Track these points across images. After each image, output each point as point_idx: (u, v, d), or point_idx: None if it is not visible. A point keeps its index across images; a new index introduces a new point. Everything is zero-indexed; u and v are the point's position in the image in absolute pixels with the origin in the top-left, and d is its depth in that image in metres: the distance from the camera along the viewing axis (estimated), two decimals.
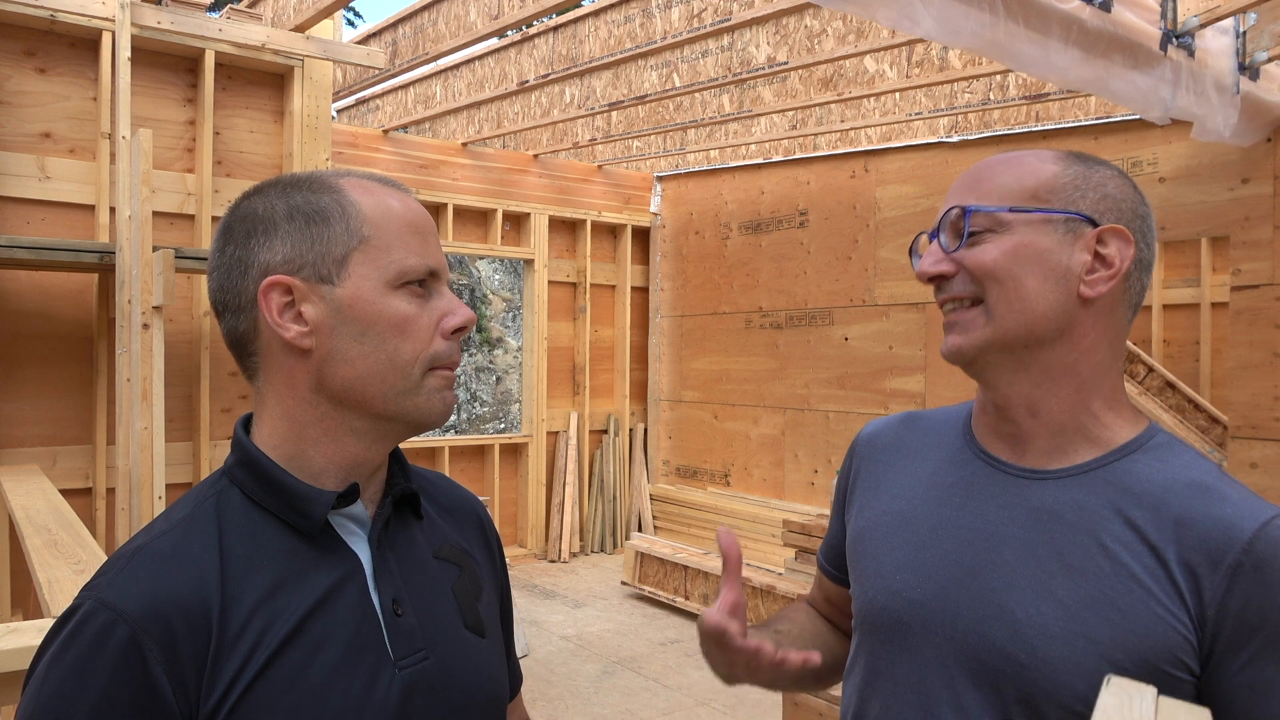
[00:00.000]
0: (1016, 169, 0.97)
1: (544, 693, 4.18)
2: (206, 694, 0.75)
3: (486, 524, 1.05)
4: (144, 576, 0.77)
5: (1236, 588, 0.83)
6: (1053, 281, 0.93)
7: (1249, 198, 4.23)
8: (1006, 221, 0.94)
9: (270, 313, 0.83)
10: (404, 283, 0.85)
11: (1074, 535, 0.90)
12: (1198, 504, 0.88)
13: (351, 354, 0.84)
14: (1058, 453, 0.95)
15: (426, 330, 0.86)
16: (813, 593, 1.26)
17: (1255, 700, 0.84)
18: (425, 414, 0.87)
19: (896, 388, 5.72)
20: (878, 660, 1.00)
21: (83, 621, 0.75)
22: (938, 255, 0.97)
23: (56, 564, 2.06)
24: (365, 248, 0.84)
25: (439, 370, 0.87)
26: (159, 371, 3.34)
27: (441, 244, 0.90)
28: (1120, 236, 0.94)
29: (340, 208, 0.85)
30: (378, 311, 0.84)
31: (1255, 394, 4.15)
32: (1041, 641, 0.87)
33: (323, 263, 0.84)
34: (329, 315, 0.84)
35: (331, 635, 0.81)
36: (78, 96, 3.85)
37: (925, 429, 1.10)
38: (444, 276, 0.89)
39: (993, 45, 2.31)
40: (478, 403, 12.82)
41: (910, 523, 1.01)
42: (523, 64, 4.77)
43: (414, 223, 0.87)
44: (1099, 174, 0.96)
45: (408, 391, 0.85)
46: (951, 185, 1.02)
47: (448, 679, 0.87)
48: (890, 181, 5.80)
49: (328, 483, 0.85)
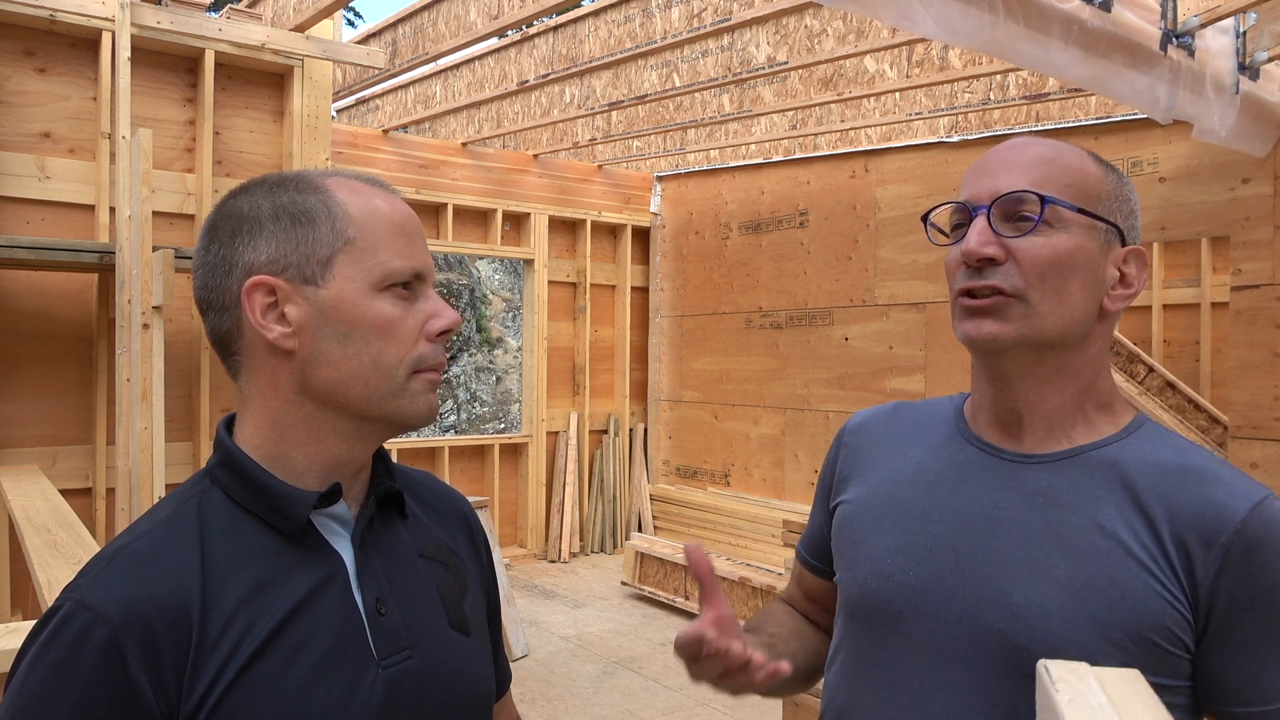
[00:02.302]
0: (1071, 162, 0.94)
1: (544, 693, 4.18)
2: (187, 694, 0.75)
3: (473, 522, 1.05)
4: (124, 577, 0.77)
5: (1229, 567, 0.84)
6: (1090, 290, 0.93)
7: (1249, 198, 4.23)
8: (1067, 219, 0.91)
9: (253, 313, 0.83)
10: (389, 285, 0.85)
11: (1070, 516, 0.90)
12: (1191, 485, 0.88)
13: (335, 356, 0.83)
14: (1051, 442, 0.96)
15: (411, 333, 0.86)
16: (789, 589, 1.24)
17: (1246, 679, 0.85)
18: (409, 416, 0.87)
19: (897, 388, 5.72)
20: (866, 647, 0.99)
21: (63, 623, 0.75)
22: (988, 236, 0.91)
23: (56, 564, 2.06)
24: (350, 249, 0.84)
25: (424, 373, 0.87)
26: (159, 371, 3.33)
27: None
28: (1140, 259, 0.95)
29: (326, 208, 0.85)
30: (362, 314, 0.83)
31: (1255, 394, 4.15)
32: (1040, 622, 0.87)
33: (307, 264, 0.83)
34: (313, 316, 0.83)
35: (314, 635, 0.81)
36: (77, 96, 3.85)
37: (914, 417, 1.09)
38: (430, 279, 0.89)
39: (992, 44, 2.31)
40: (478, 403, 12.82)
41: (901, 507, 1.00)
42: (523, 64, 4.77)
43: (400, 224, 0.87)
44: (1124, 186, 0.97)
45: (392, 394, 0.85)
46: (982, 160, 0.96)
47: (432, 678, 0.87)
48: (890, 181, 5.80)
49: (310, 483, 0.85)
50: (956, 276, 0.95)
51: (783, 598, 1.25)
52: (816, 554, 1.17)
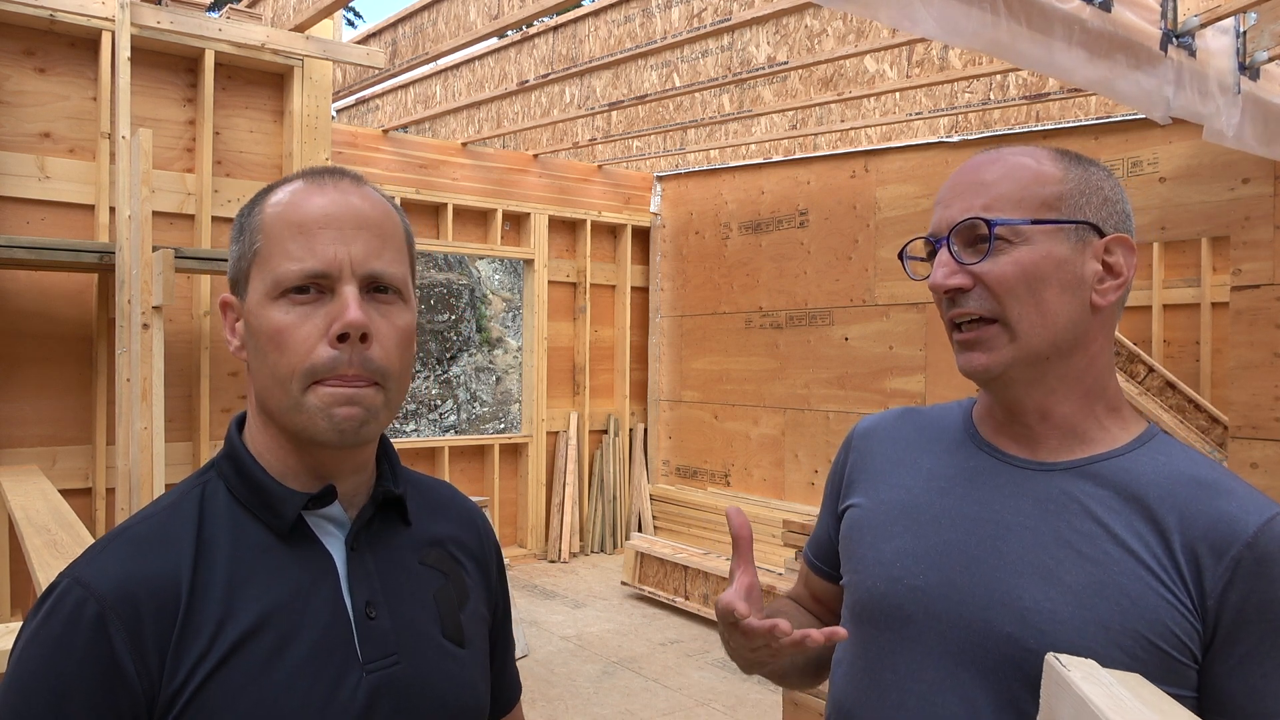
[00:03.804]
0: (1021, 174, 0.94)
1: (544, 693, 4.18)
2: (169, 678, 0.76)
3: (485, 536, 1.03)
4: (120, 558, 0.79)
5: (1237, 581, 0.84)
6: (1070, 292, 0.92)
7: (1249, 198, 4.23)
8: (1025, 233, 0.92)
9: (225, 327, 0.88)
10: (281, 292, 0.81)
11: (1082, 523, 0.90)
12: (1204, 496, 0.88)
13: (255, 368, 0.85)
14: (1065, 450, 0.96)
15: (306, 340, 0.80)
16: (797, 589, 1.24)
17: (1249, 692, 0.85)
18: (311, 434, 0.81)
19: (897, 388, 5.72)
20: (875, 649, 0.99)
21: (59, 599, 0.77)
22: (952, 267, 0.93)
23: (56, 564, 2.06)
24: (258, 259, 0.84)
25: (323, 385, 0.80)
26: (159, 371, 3.33)
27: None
28: (1125, 246, 0.95)
29: (251, 219, 0.86)
30: (259, 324, 0.83)
31: (1256, 394, 4.15)
32: (1050, 627, 0.87)
33: (239, 278, 0.86)
34: (245, 330, 0.86)
35: (298, 634, 0.81)
36: (77, 96, 3.85)
37: (924, 423, 1.09)
38: (345, 276, 0.81)
39: (995, 45, 2.30)
40: (478, 403, 12.82)
41: (911, 512, 1.00)
42: (523, 64, 4.77)
43: (300, 223, 0.81)
44: (1095, 175, 0.96)
45: (292, 408, 0.81)
46: (944, 187, 0.98)
47: (418, 686, 0.86)
48: (890, 181, 5.80)
49: (303, 484, 0.86)
50: (942, 307, 0.97)
51: (790, 595, 1.25)
52: (823, 558, 1.17)
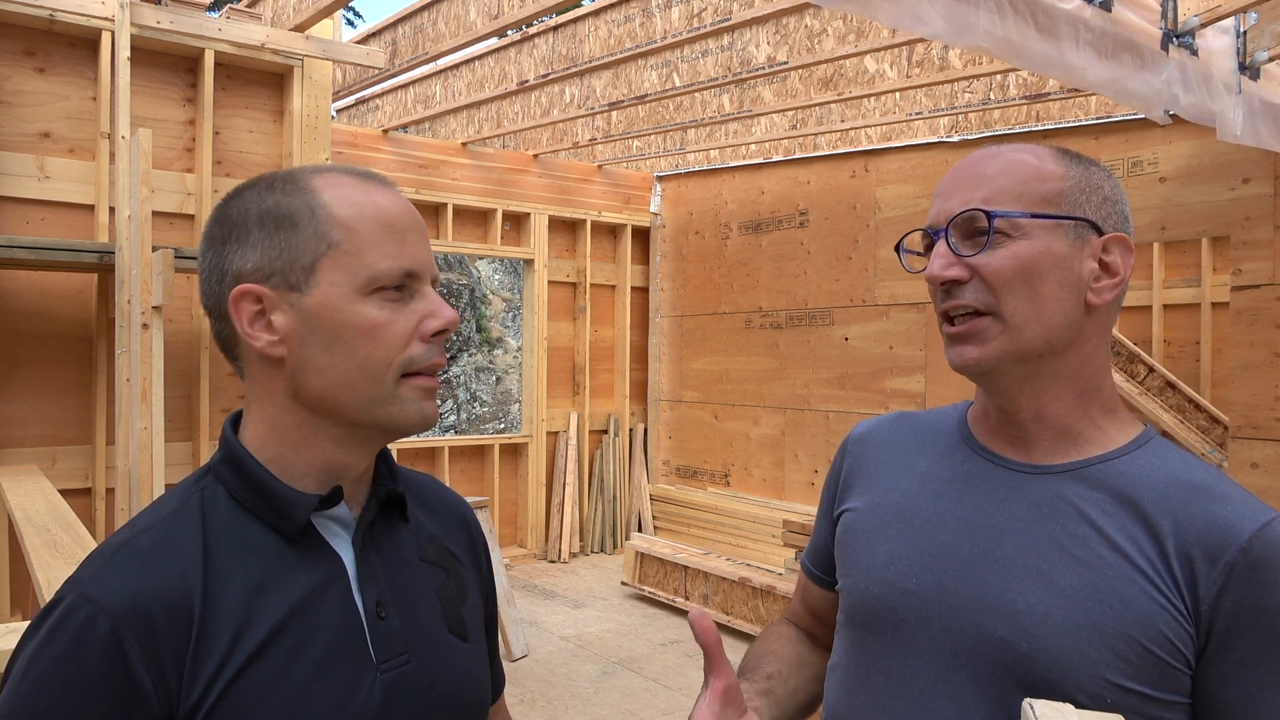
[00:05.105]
0: (1022, 169, 0.94)
1: (544, 693, 4.17)
2: (187, 691, 0.75)
3: (473, 527, 1.04)
4: (127, 571, 0.77)
5: (1231, 586, 0.84)
6: (1066, 289, 0.92)
7: (1249, 197, 4.23)
8: (1023, 226, 0.92)
9: (240, 322, 0.82)
10: (376, 288, 0.82)
11: (1076, 527, 0.90)
12: (1199, 501, 0.88)
13: (322, 363, 0.82)
14: (1059, 452, 0.95)
15: (401, 335, 0.82)
16: (793, 606, 1.24)
17: (1243, 699, 0.84)
18: (400, 423, 0.84)
19: (897, 388, 5.72)
20: (868, 653, 0.99)
21: (65, 616, 0.74)
22: (949, 259, 0.93)
23: (56, 564, 2.06)
24: (334, 253, 0.82)
25: (415, 378, 0.84)
26: (158, 371, 3.33)
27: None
28: (1123, 245, 0.94)
29: (310, 211, 0.83)
30: (346, 320, 0.81)
31: (1256, 394, 4.15)
32: (1043, 631, 0.86)
33: (291, 270, 0.82)
34: (298, 324, 0.82)
35: (313, 637, 0.80)
36: (77, 96, 3.85)
37: (919, 427, 1.09)
38: (426, 275, 0.85)
39: (1006, 45, 2.28)
40: (477, 403, 12.81)
41: (905, 515, 1.00)
42: (523, 64, 4.77)
43: (389, 222, 0.83)
44: (1095, 175, 0.96)
45: (381, 400, 0.83)
46: (943, 180, 0.98)
47: (429, 683, 0.86)
48: (890, 181, 5.80)
49: (310, 485, 0.84)
50: (936, 300, 0.96)
51: (786, 616, 1.24)
52: (821, 565, 1.16)
